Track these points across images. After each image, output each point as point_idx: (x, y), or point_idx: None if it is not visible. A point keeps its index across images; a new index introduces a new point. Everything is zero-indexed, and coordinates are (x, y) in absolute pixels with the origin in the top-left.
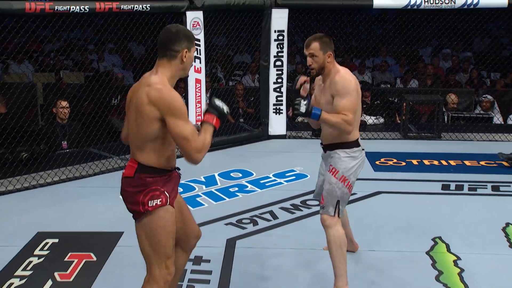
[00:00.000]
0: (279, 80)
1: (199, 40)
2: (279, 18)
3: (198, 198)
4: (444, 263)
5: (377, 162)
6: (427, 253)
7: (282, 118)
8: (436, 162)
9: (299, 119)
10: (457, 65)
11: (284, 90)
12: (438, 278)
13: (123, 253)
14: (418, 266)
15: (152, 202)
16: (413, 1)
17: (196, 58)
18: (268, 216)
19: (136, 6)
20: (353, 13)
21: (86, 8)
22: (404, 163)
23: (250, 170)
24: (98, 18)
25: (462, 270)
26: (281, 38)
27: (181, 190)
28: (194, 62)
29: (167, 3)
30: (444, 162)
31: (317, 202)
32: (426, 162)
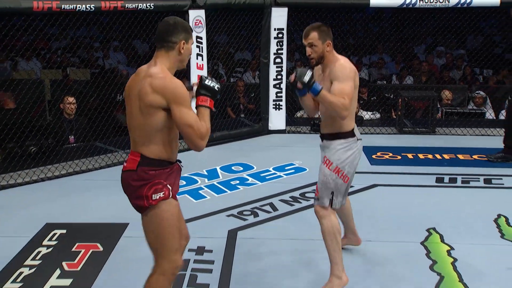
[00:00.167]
0: (279, 76)
1: (201, 38)
2: (279, 17)
3: (200, 191)
4: (438, 253)
5: (373, 156)
6: (422, 243)
7: (282, 113)
8: (430, 156)
9: (298, 114)
10: (451, 62)
11: (283, 86)
12: (432, 268)
13: (128, 243)
14: (413, 256)
15: (155, 196)
16: (408, 0)
17: (198, 55)
18: (268, 208)
19: (140, 5)
20: (350, 11)
21: (92, 6)
22: (399, 157)
23: (250, 164)
24: (104, 17)
25: (455, 260)
26: (280, 36)
27: (183, 183)
28: (197, 59)
29: (170, 2)
30: (438, 156)
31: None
32: (421, 156)
